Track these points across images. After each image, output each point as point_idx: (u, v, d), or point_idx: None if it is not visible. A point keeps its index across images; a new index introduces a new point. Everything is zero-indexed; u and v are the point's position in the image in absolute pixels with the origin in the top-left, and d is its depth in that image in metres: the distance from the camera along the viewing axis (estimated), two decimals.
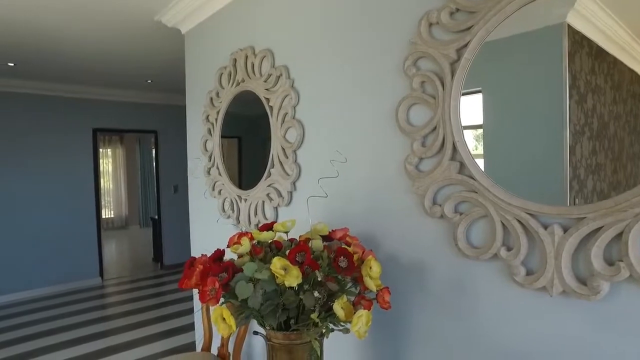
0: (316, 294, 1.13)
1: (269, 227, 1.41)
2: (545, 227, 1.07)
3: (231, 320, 1.08)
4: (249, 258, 1.31)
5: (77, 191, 5.61)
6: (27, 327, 4.24)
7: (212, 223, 2.61)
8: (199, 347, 3.02)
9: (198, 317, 2.80)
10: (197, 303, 2.87)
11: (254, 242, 1.31)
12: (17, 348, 3.75)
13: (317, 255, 1.28)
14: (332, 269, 1.23)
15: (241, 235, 1.30)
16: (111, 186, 10.73)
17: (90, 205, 5.73)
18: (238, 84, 2.27)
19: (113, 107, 5.84)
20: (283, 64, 1.97)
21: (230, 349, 2.29)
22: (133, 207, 10.94)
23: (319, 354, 1.18)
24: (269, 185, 2.05)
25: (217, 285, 1.11)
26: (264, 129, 2.14)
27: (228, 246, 1.44)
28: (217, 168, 2.44)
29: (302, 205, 1.89)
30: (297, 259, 1.15)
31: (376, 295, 1.21)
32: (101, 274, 5.87)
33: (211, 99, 2.50)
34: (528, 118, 1.21)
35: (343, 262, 1.17)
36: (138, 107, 6.03)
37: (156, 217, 6.69)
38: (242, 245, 1.24)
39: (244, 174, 2.39)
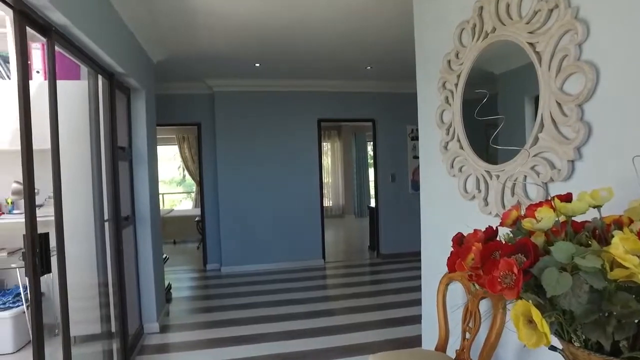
0: None
1: (567, 198, 0.99)
2: None
3: (544, 326, 0.71)
4: (543, 239, 0.92)
5: (305, 179, 6.10)
6: (266, 295, 4.81)
7: (448, 206, 2.28)
8: (426, 344, 2.74)
9: (428, 310, 2.51)
10: (426, 294, 2.58)
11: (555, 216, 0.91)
12: (258, 311, 4.24)
13: None
14: None
15: (535, 206, 0.92)
16: (330, 179, 11.52)
17: (315, 193, 6.16)
18: (486, 35, 1.87)
19: (334, 98, 6.11)
20: None
21: (474, 356, 1.92)
22: (349, 198, 11.53)
23: None
24: (534, 155, 1.59)
25: (516, 270, 0.76)
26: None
27: (501, 224, 1.08)
28: (458, 141, 2.09)
29: (592, 180, 1.38)
30: None
31: None
32: (323, 256, 6.25)
33: (449, 62, 2.16)
34: None
35: None
36: (357, 96, 6.16)
37: (373, 206, 6.75)
38: (542, 220, 0.86)
39: None
